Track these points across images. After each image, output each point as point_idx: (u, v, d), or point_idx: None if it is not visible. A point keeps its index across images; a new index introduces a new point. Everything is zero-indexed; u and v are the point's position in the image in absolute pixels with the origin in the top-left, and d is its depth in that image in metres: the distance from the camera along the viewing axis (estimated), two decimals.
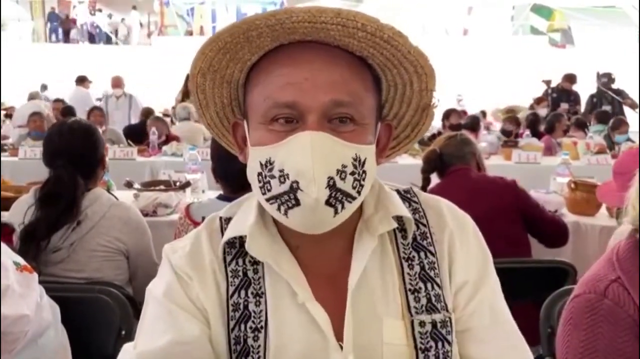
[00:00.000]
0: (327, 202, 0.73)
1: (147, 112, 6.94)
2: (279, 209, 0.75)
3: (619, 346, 0.96)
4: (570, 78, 8.76)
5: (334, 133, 0.74)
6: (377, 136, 0.81)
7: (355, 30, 0.72)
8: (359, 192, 0.75)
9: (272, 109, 0.75)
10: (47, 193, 1.92)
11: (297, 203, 0.73)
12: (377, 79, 0.81)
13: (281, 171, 0.73)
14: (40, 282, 1.41)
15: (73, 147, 1.97)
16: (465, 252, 0.84)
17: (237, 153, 0.86)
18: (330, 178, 0.72)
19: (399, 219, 0.83)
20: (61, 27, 16.99)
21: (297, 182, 0.72)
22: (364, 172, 0.75)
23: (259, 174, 0.76)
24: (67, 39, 16.92)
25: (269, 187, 0.75)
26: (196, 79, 0.80)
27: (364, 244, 0.81)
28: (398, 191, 0.88)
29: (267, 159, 0.74)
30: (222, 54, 0.77)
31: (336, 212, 0.74)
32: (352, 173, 0.74)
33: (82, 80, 9.22)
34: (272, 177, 0.74)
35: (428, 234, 0.84)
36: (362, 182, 0.75)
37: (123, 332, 1.54)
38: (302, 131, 0.73)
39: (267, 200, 0.76)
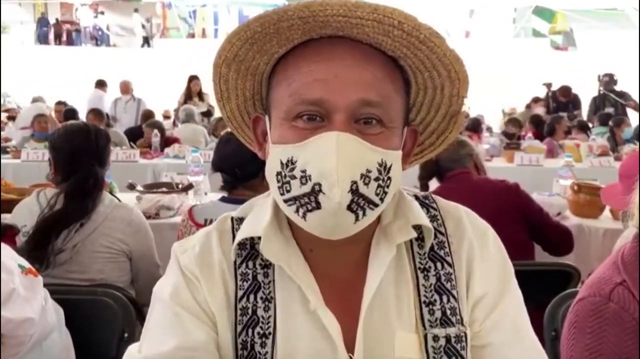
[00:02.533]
0: (349, 208, 0.69)
1: (147, 115, 6.95)
2: (297, 211, 0.71)
3: (624, 350, 0.95)
4: (565, 92, 8.69)
5: (360, 135, 0.70)
6: (403, 141, 0.77)
7: (391, 28, 0.69)
8: (381, 200, 0.72)
9: (297, 106, 0.71)
10: (78, 188, 1.95)
11: (318, 206, 0.69)
12: (406, 82, 0.77)
13: (303, 171, 0.69)
14: (44, 284, 1.41)
15: (98, 149, 2.04)
16: (485, 263, 0.80)
17: (255, 149, 0.82)
18: (354, 182, 0.69)
19: (417, 227, 0.79)
20: (53, 30, 16.98)
21: (319, 185, 0.68)
22: (389, 178, 0.72)
23: (279, 173, 0.72)
24: (59, 42, 16.94)
25: (288, 188, 0.71)
26: (220, 69, 0.77)
27: (382, 254, 0.77)
28: (416, 197, 0.84)
29: (288, 158, 0.71)
30: (250, 45, 0.73)
31: (357, 219, 0.70)
32: (377, 179, 0.70)
33: (101, 84, 9.35)
34: (293, 177, 0.70)
35: (446, 244, 0.80)
36: (386, 190, 0.72)
37: (126, 334, 1.54)
38: (327, 130, 0.69)
39: (286, 201, 0.72)
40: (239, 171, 2.00)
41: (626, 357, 0.95)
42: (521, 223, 2.38)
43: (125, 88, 8.39)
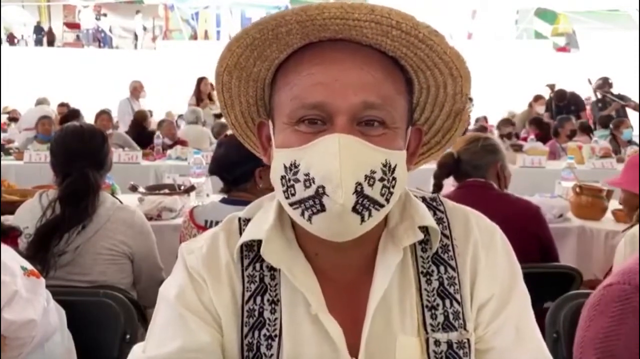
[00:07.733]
0: (354, 209, 0.69)
1: (141, 116, 6.87)
2: (302, 214, 0.71)
3: None
4: (559, 96, 8.65)
5: (363, 137, 0.70)
6: (407, 141, 0.77)
7: (390, 29, 0.69)
8: (387, 200, 0.72)
9: (299, 110, 0.71)
10: (72, 192, 1.94)
11: (323, 209, 0.69)
12: (409, 81, 0.77)
13: (306, 174, 0.70)
14: (46, 286, 1.41)
15: (93, 151, 2.02)
16: (491, 266, 0.80)
17: (260, 154, 0.83)
18: (358, 184, 0.68)
19: (423, 229, 0.78)
20: (46, 37, 17.10)
21: (323, 187, 0.68)
22: (394, 179, 0.72)
23: (283, 177, 0.72)
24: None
25: (292, 192, 0.71)
26: (222, 77, 0.77)
27: (388, 257, 0.77)
28: (424, 199, 0.84)
29: (292, 161, 0.71)
30: (250, 51, 0.74)
31: (363, 220, 0.70)
32: (381, 179, 0.70)
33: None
34: (297, 181, 0.70)
35: (450, 247, 0.80)
36: (391, 190, 0.71)
37: (128, 336, 1.54)
38: (329, 133, 0.69)
39: (291, 205, 0.72)
40: (227, 175, 2.02)
41: None
42: (534, 250, 2.22)
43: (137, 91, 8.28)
